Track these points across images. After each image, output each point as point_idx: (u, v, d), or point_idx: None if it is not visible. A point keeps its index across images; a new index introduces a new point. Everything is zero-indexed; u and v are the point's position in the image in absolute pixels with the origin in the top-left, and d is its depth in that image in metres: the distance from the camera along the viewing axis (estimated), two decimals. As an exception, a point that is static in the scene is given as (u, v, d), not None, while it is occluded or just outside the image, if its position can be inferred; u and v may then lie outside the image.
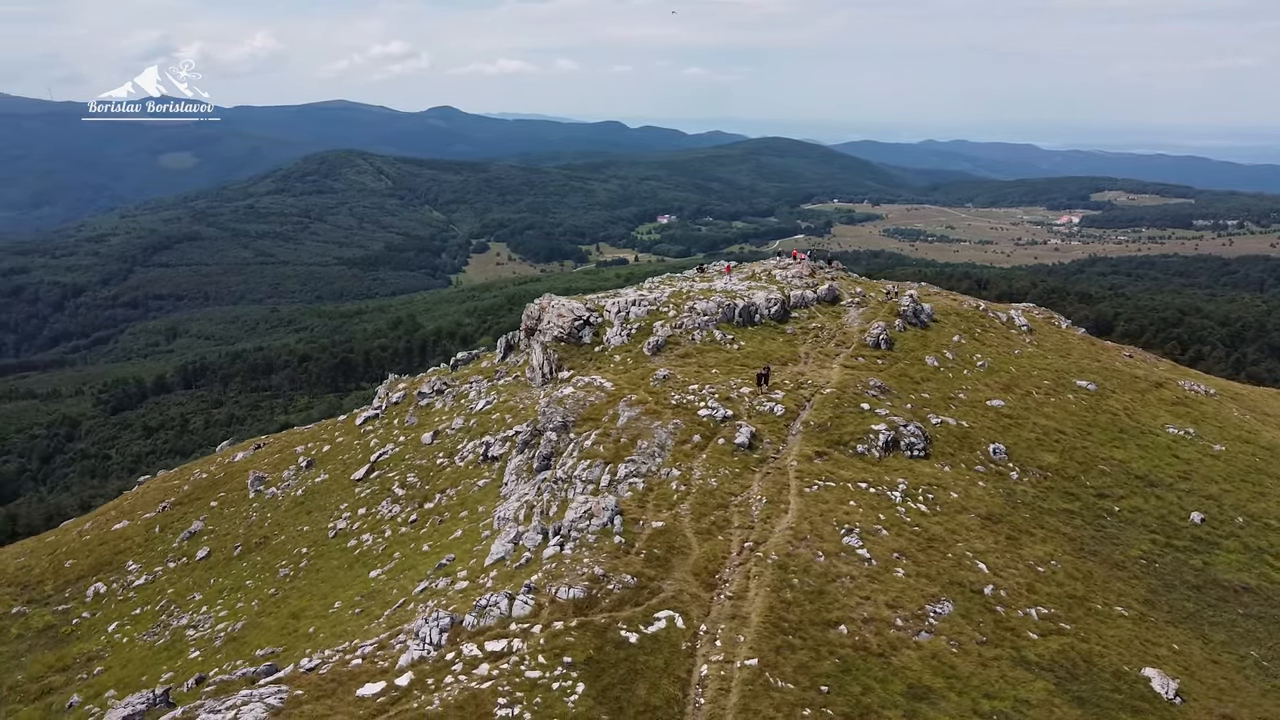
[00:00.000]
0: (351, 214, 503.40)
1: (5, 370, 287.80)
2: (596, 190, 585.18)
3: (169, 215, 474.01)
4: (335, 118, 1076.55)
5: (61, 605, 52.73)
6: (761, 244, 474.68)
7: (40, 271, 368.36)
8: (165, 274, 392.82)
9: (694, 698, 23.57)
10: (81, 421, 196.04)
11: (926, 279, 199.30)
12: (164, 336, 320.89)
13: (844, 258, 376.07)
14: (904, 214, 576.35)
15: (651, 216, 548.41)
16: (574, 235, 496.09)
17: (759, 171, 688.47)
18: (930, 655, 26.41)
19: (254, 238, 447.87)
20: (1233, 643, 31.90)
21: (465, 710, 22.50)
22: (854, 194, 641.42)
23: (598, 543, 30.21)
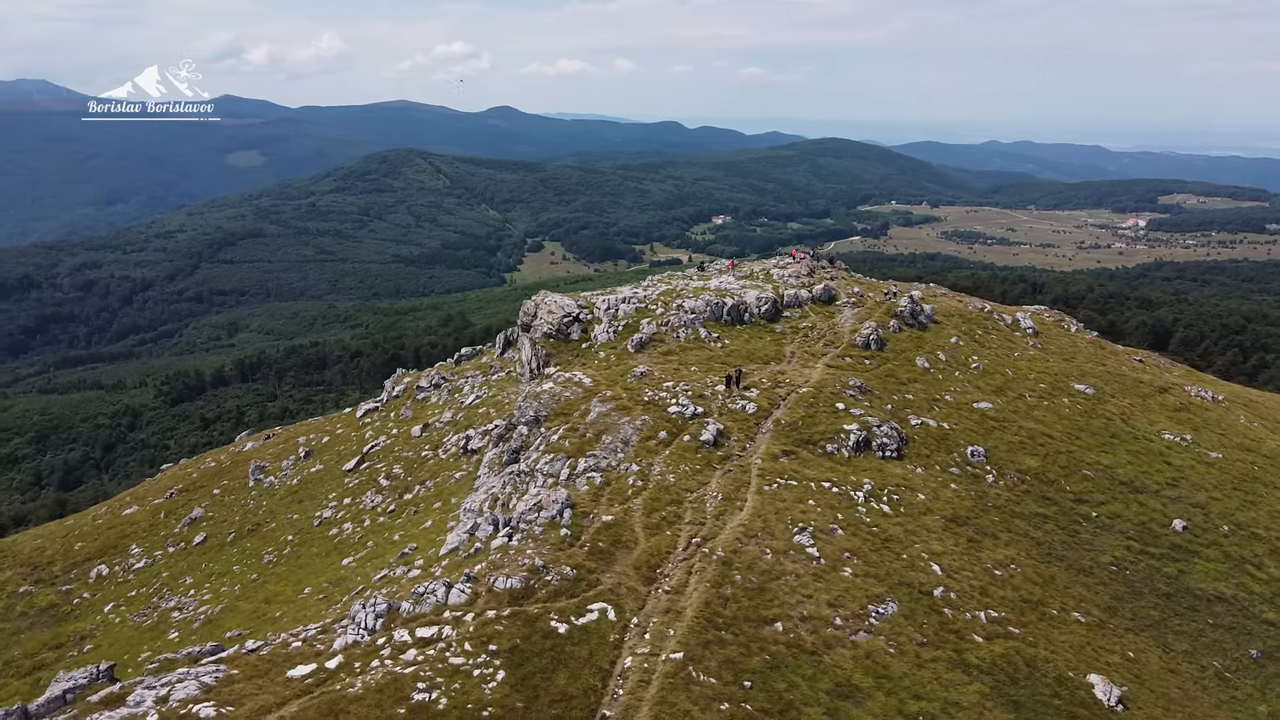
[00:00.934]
0: (410, 212, 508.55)
1: (75, 361, 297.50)
2: (652, 190, 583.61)
3: (234, 213, 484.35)
4: (398, 117, 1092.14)
5: (65, 586, 54.49)
6: (816, 245, 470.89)
7: (111, 266, 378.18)
8: (229, 270, 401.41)
9: (613, 689, 23.70)
10: (143, 412, 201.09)
11: (980, 283, 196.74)
12: (226, 331, 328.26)
13: (899, 260, 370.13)
14: (963, 216, 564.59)
15: (706, 217, 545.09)
16: (628, 235, 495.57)
17: (816, 172, 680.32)
18: (864, 655, 26.25)
19: (315, 235, 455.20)
20: (1196, 652, 31.21)
21: (384, 693, 22.90)
22: (912, 195, 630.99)
23: (544, 535, 30.49)
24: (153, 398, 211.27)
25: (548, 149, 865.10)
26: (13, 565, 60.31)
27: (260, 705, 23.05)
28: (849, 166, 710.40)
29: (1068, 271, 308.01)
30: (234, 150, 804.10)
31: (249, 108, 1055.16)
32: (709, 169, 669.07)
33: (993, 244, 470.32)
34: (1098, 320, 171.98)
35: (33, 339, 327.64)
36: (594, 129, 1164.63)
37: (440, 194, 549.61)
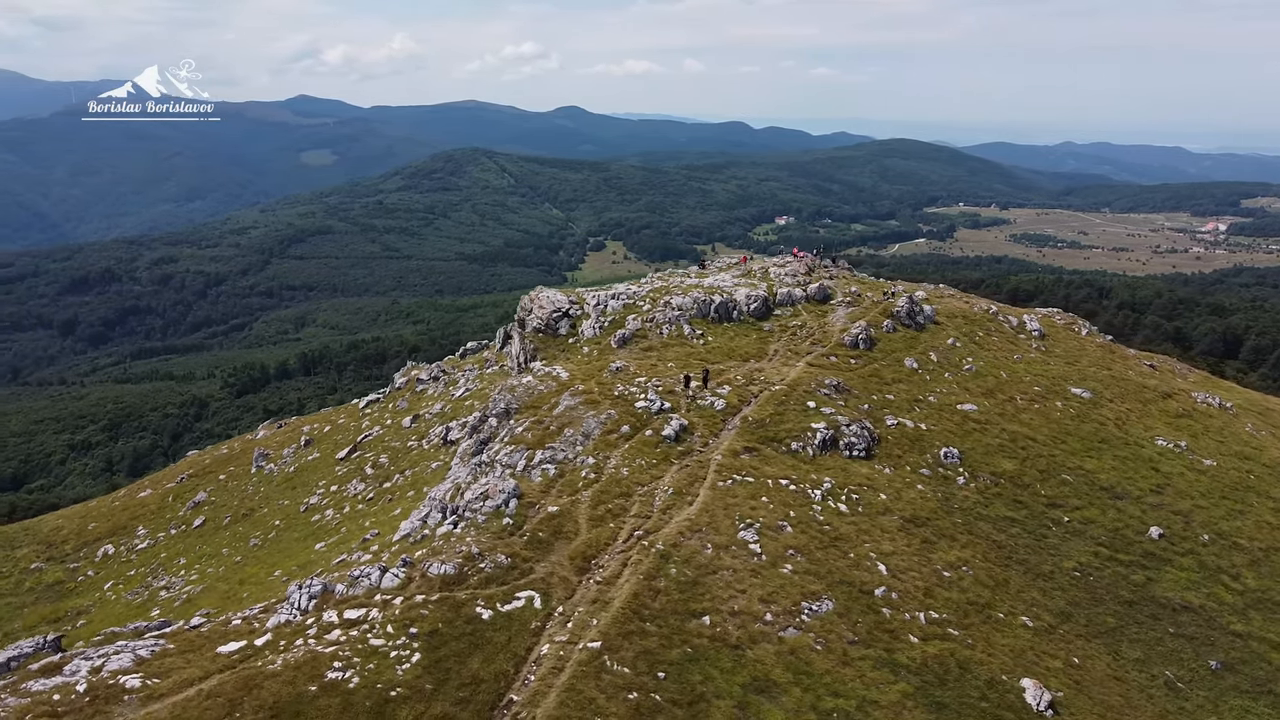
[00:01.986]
0: (474, 211, 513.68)
1: (150, 353, 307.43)
2: (715, 190, 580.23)
3: (305, 210, 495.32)
4: (466, 117, 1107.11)
5: (74, 564, 56.59)
6: (880, 247, 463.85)
7: (187, 261, 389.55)
8: (298, 266, 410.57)
9: (525, 675, 24.03)
10: (209, 402, 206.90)
11: (1043, 287, 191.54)
12: (293, 325, 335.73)
13: (963, 263, 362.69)
14: (1033, 219, 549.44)
15: (769, 218, 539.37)
16: (690, 235, 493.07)
17: (882, 174, 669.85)
18: (789, 651, 26.20)
19: (381, 232, 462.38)
20: (1149, 661, 30.51)
21: (301, 670, 23.52)
22: (981, 197, 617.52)
23: (487, 523, 30.94)
24: (219, 389, 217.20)
25: (613, 149, 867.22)
26: (31, 543, 62.78)
27: (185, 678, 23.84)
28: (916, 168, 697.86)
29: (1139, 276, 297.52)
30: (307, 149, 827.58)
31: (323, 108, 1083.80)
32: (774, 169, 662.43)
33: (1063, 247, 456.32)
34: (1164, 327, 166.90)
35: (112, 330, 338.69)
36: (660, 129, 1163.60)
37: (504, 193, 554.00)
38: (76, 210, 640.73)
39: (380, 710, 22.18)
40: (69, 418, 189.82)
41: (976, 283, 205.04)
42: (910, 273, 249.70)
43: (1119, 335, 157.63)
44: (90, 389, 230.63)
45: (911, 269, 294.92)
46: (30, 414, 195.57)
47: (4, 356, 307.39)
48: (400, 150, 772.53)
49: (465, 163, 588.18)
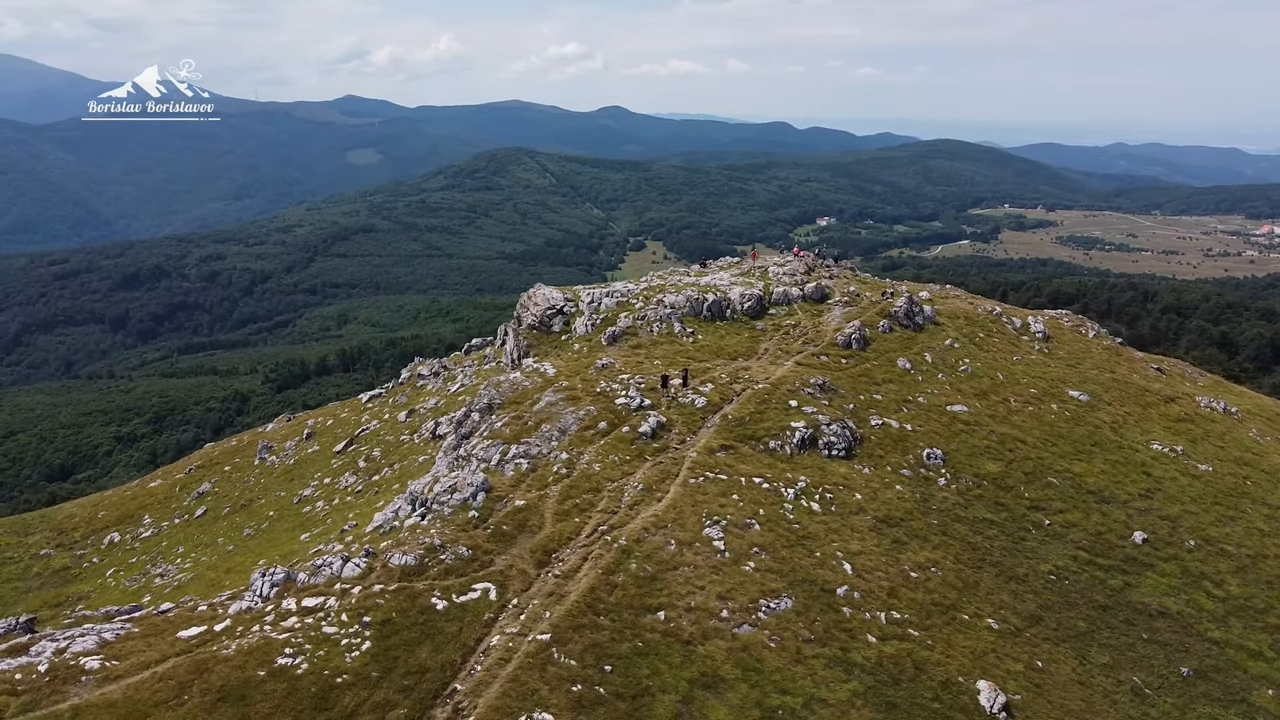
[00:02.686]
0: (516, 210, 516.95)
1: (197, 348, 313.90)
2: (756, 191, 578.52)
3: (349, 208, 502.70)
4: (510, 117, 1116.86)
5: (81, 550, 57.98)
6: (922, 249, 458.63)
7: (234, 258, 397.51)
8: (342, 263, 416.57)
9: (472, 665, 24.31)
10: (250, 397, 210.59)
11: (1085, 290, 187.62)
12: (335, 322, 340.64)
13: (1007, 265, 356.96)
14: (1081, 220, 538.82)
15: (810, 218, 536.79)
16: (730, 235, 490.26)
17: (926, 174, 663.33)
18: (741, 647, 26.24)
19: (424, 231, 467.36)
20: (1117, 666, 30.11)
21: (252, 655, 24.01)
22: (1027, 199, 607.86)
23: (453, 515, 31.29)
24: (260, 384, 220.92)
25: (656, 149, 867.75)
26: (44, 530, 64.39)
27: (142, 661, 24.42)
28: (961, 169, 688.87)
29: (1189, 280, 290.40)
30: (354, 148, 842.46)
31: (369, 107, 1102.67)
32: (816, 170, 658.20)
33: (1111, 250, 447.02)
34: (1210, 331, 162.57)
35: (161, 326, 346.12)
36: (703, 129, 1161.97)
37: (546, 192, 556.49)
38: (130, 208, 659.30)
39: (324, 696, 22.58)
40: (116, 410, 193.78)
41: (1017, 285, 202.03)
42: (951, 274, 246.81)
43: (1162, 340, 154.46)
44: (137, 382, 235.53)
45: (953, 271, 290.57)
46: (79, 406, 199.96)
47: (58, 350, 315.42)
48: (444, 149, 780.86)
49: (507, 162, 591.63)
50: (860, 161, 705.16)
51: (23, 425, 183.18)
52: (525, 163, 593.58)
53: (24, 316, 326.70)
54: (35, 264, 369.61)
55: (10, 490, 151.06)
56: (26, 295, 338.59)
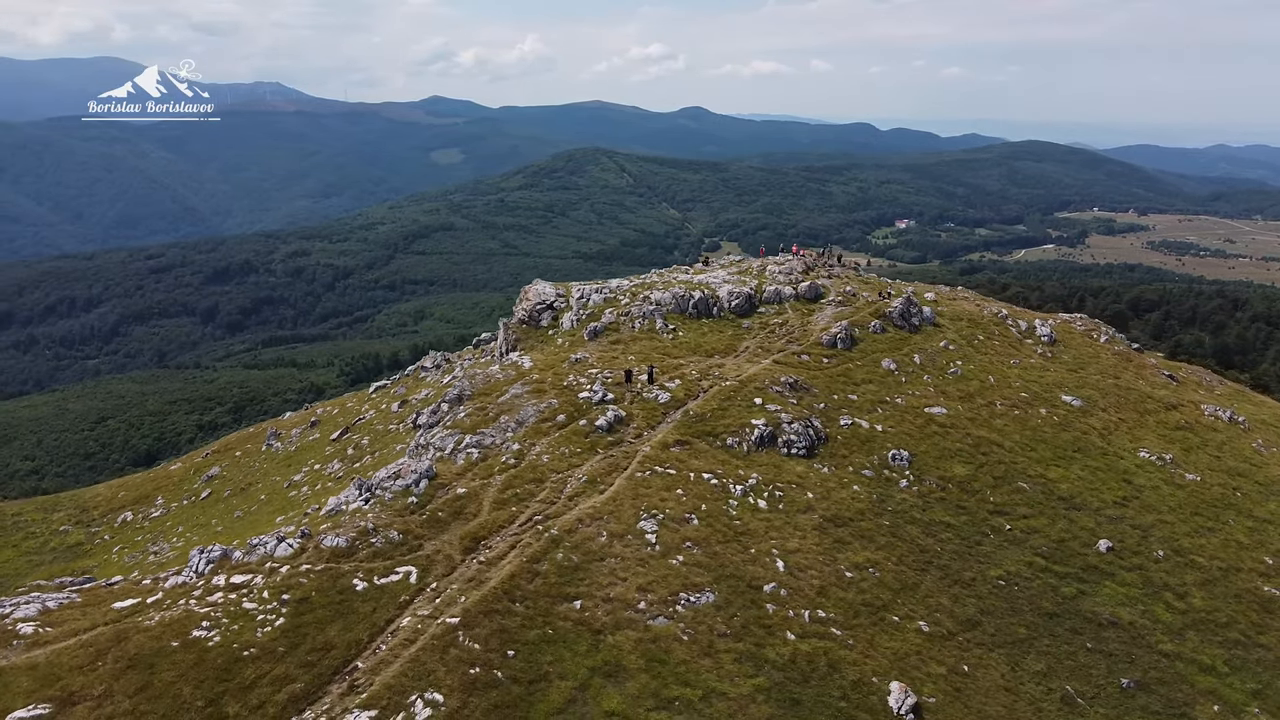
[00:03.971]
0: (593, 210, 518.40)
1: (280, 341, 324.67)
2: (835, 192, 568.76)
3: (430, 206, 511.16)
4: (590, 117, 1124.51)
5: (96, 527, 60.64)
6: (1004, 253, 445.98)
7: (318, 255, 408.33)
8: (421, 261, 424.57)
9: (378, 644, 25.01)
10: (325, 390, 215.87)
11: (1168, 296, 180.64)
12: (412, 318, 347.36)
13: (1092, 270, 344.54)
14: (1174, 225, 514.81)
15: (889, 221, 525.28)
16: (807, 237, 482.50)
17: (1011, 177, 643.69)
18: (651, 639, 26.46)
19: (501, 230, 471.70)
20: (1052, 674, 29.50)
21: (171, 627, 25.11)
22: (1118, 202, 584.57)
23: (393, 501, 32.11)
24: (335, 377, 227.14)
25: (735, 149, 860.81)
26: (69, 508, 67.41)
27: (73, 628, 25.74)
28: (1048, 171, 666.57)
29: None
30: (438, 148, 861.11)
31: (454, 108, 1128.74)
32: (896, 171, 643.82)
33: (1206, 256, 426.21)
34: None
35: (248, 319, 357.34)
36: (783, 130, 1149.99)
37: (623, 192, 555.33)
38: (224, 204, 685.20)
39: (228, 668, 23.50)
40: (199, 399, 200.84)
41: (1096, 290, 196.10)
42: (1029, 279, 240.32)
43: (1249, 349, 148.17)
44: (220, 373, 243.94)
45: (1035, 276, 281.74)
46: (166, 395, 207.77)
47: (152, 341, 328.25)
48: (525, 149, 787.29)
49: (586, 162, 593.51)
50: (943, 163, 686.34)
51: (114, 411, 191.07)
52: (603, 163, 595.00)
53: (122, 308, 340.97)
54: (134, 258, 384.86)
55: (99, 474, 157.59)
56: (124, 288, 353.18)
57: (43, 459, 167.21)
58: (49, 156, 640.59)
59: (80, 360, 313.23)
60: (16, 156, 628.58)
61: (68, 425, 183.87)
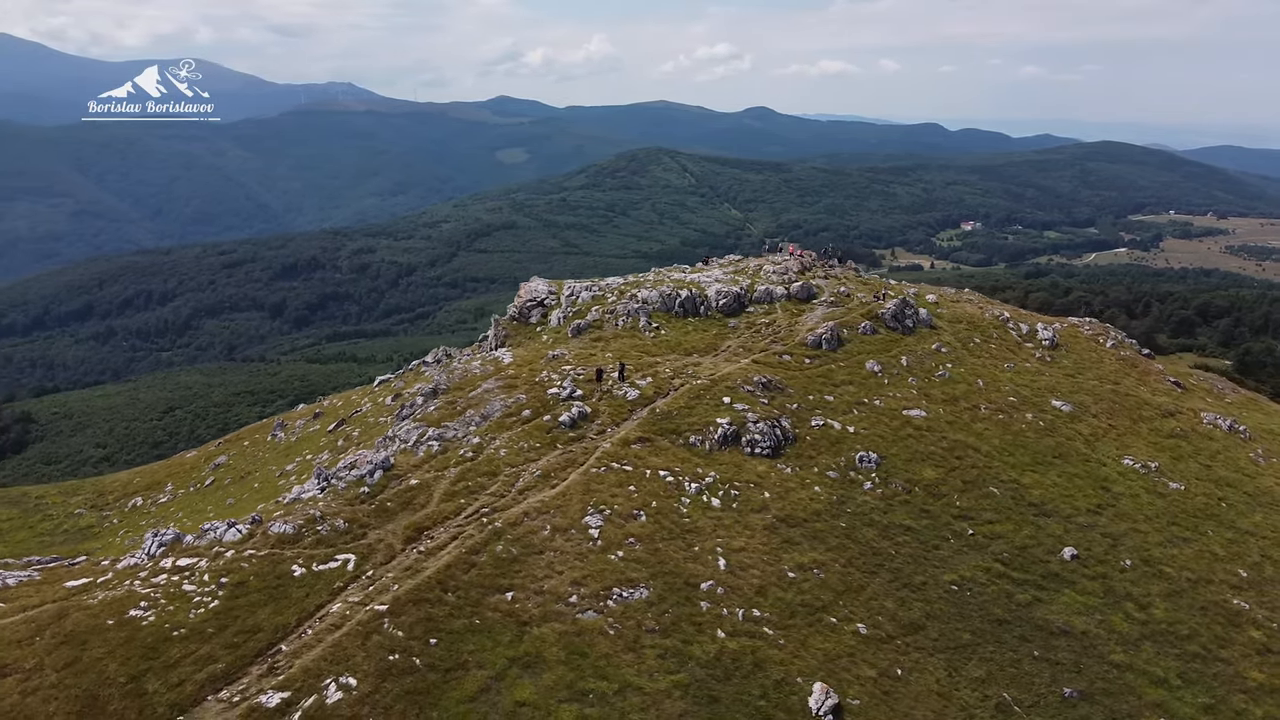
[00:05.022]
0: (654, 209, 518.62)
1: (342, 336, 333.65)
2: (899, 193, 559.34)
3: (493, 205, 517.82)
4: (655, 117, 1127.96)
5: (107, 512, 62.79)
6: (1074, 256, 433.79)
7: (383, 252, 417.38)
8: (482, 259, 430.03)
9: (305, 628, 25.72)
10: None
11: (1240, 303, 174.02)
12: (471, 314, 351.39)
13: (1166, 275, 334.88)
14: (1256, 229, 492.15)
15: (955, 223, 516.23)
16: (869, 239, 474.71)
17: (1084, 179, 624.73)
18: (576, 632, 26.79)
19: (562, 228, 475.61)
20: (990, 681, 29.15)
21: (110, 607, 26.12)
22: (1196, 205, 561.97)
23: (346, 490, 32.88)
24: (392, 371, 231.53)
25: (800, 150, 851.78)
26: (88, 493, 69.90)
27: (24, 604, 26.89)
28: (1123, 172, 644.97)
29: None
30: (503, 147, 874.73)
31: (520, 107, 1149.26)
32: (963, 172, 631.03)
33: None
34: None
35: (314, 314, 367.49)
36: (849, 130, 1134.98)
37: (684, 192, 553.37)
38: (296, 202, 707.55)
39: (156, 646, 24.38)
40: (262, 391, 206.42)
41: (1163, 296, 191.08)
42: (1096, 284, 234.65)
43: None
44: (284, 366, 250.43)
45: (1103, 280, 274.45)
46: (230, 387, 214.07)
47: (222, 334, 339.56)
48: (589, 149, 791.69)
49: (648, 162, 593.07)
50: (1012, 164, 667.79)
51: (181, 402, 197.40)
52: (665, 163, 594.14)
53: (195, 302, 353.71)
54: (207, 254, 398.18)
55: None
56: (198, 283, 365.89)
57: (114, 446, 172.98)
58: (131, 155, 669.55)
59: (155, 352, 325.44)
60: (101, 155, 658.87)
61: (138, 414, 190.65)
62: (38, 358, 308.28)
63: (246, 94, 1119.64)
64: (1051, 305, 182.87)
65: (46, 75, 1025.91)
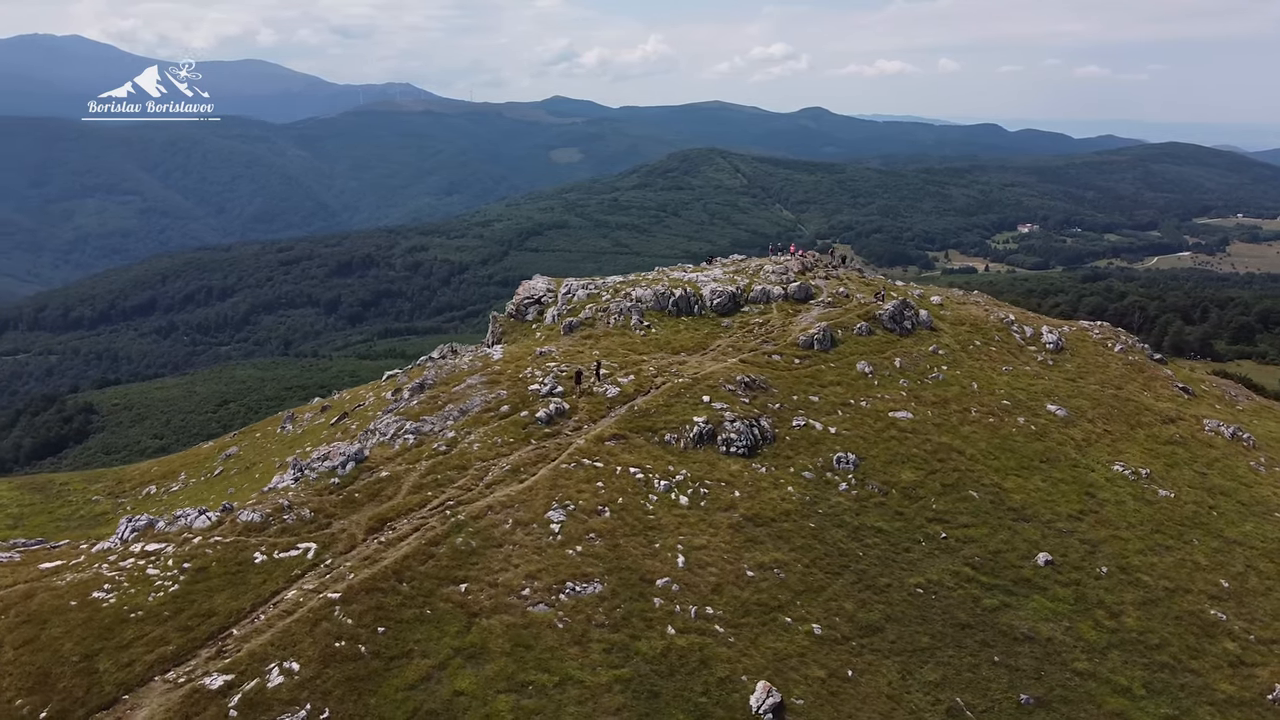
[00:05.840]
0: (705, 210, 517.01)
1: (394, 333, 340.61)
2: (954, 195, 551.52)
3: (545, 205, 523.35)
4: (709, 117, 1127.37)
5: (122, 499, 64.66)
6: (1135, 260, 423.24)
7: (436, 250, 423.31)
8: (533, 258, 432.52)
9: (257, 614, 26.43)
10: None
11: None
12: None
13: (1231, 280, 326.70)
14: None
15: (1011, 225, 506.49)
16: (923, 241, 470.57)
17: (1147, 180, 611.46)
18: (524, 625, 27.15)
19: (613, 229, 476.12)
20: (946, 684, 28.96)
21: (75, 588, 27.09)
22: (1266, 208, 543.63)
23: (317, 480, 33.62)
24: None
25: (855, 150, 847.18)
26: (108, 481, 72.00)
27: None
28: (1188, 174, 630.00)
29: None
30: (557, 147, 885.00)
31: (574, 108, 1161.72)
32: (1021, 174, 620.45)
33: None
34: None
35: (368, 311, 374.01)
36: (906, 131, 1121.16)
37: (736, 193, 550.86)
38: (353, 201, 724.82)
39: (112, 627, 25.23)
40: (313, 386, 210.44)
41: (1223, 301, 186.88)
42: (1159, 287, 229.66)
43: None
44: (335, 362, 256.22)
45: (1163, 284, 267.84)
46: (283, 381, 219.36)
47: (279, 330, 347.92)
48: (643, 149, 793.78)
49: (700, 162, 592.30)
50: (1072, 165, 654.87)
51: (235, 395, 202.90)
52: (717, 163, 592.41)
53: (253, 298, 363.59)
54: (265, 251, 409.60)
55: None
56: (256, 279, 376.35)
57: (170, 438, 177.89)
58: (196, 154, 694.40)
59: (213, 346, 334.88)
60: (167, 154, 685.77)
61: (193, 407, 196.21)
62: (103, 350, 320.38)
63: (308, 95, 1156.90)
64: (1105, 310, 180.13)
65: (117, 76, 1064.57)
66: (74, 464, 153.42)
